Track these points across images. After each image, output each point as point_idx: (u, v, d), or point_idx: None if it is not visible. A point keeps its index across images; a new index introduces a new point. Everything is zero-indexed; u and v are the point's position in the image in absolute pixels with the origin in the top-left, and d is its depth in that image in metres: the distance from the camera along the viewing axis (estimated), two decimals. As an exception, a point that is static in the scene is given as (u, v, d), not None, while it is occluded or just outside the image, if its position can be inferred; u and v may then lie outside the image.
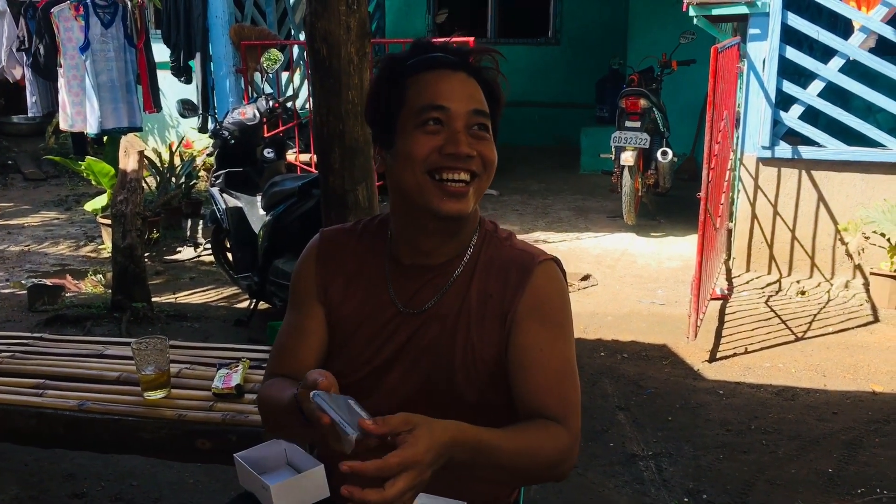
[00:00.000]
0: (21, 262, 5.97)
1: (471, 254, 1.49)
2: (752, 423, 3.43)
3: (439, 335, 1.46)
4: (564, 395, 1.42)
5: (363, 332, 1.50)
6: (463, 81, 1.45)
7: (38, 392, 2.17)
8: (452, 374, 1.44)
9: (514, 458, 1.33)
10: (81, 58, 5.90)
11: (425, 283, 1.48)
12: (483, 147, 1.43)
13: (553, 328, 1.44)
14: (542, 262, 1.47)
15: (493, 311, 1.45)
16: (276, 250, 4.32)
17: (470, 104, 1.43)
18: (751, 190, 5.29)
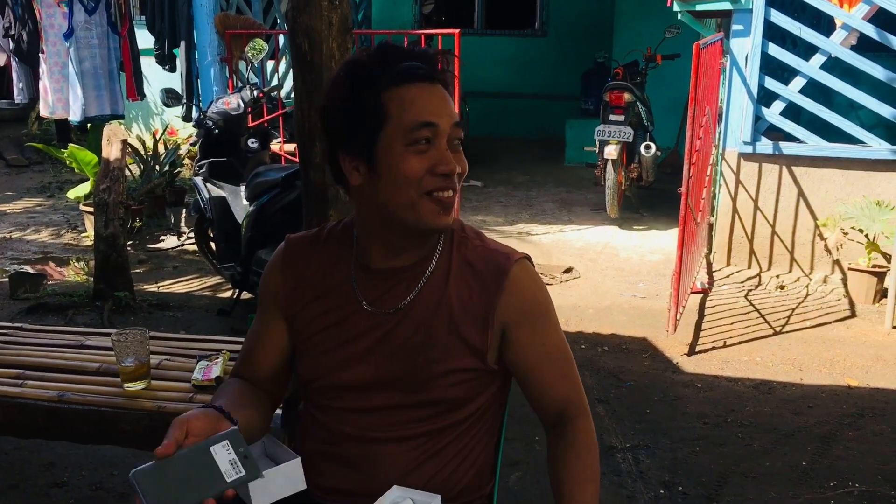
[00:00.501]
0: (3, 250, 5.94)
1: (440, 254, 1.50)
2: (728, 416, 3.47)
3: (415, 335, 1.46)
4: (571, 375, 1.53)
5: (331, 337, 1.51)
6: (442, 93, 1.43)
7: (17, 382, 2.18)
8: (428, 374, 1.46)
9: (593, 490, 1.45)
10: (65, 45, 5.87)
11: (395, 284, 1.49)
12: (460, 160, 1.44)
13: (545, 323, 1.51)
14: (517, 262, 1.49)
15: (473, 312, 1.46)
16: (259, 240, 4.32)
17: (451, 117, 1.42)
18: (732, 185, 5.33)
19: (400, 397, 1.47)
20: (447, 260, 1.50)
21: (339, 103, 1.44)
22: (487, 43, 10.01)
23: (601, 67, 8.45)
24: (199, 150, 4.89)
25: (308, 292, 1.55)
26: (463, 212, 6.10)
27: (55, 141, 8.85)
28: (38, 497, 2.81)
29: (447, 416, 1.48)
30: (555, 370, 1.51)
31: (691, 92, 3.97)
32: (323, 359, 1.52)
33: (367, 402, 1.49)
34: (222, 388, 1.58)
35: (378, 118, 1.38)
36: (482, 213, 6.69)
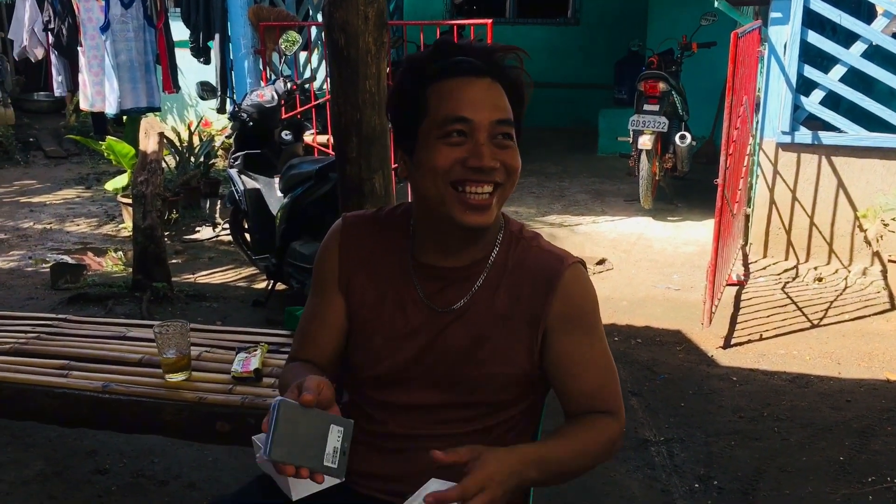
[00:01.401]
0: (43, 240, 6.05)
1: (495, 256, 1.49)
2: (764, 410, 3.44)
3: (466, 337, 1.46)
4: (611, 389, 1.50)
5: (385, 327, 1.50)
6: (487, 88, 1.41)
7: (62, 373, 2.23)
8: (478, 376, 1.46)
9: (575, 461, 1.43)
10: (101, 38, 5.94)
11: (449, 283, 1.49)
12: (506, 156, 1.41)
13: (590, 331, 1.48)
14: (570, 266, 1.47)
15: (523, 315, 1.46)
16: (293, 232, 4.36)
17: (494, 114, 1.40)
18: (769, 175, 5.27)
19: (445, 397, 1.48)
20: (503, 262, 1.49)
21: (394, 98, 1.48)
22: (520, 32, 9.95)
23: (635, 56, 8.37)
24: (233, 143, 4.94)
25: (365, 273, 1.54)
26: (495, 203, 6.08)
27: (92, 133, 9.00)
28: (82, 484, 2.87)
29: (490, 418, 1.49)
30: (592, 383, 1.48)
31: (728, 82, 3.92)
32: (374, 344, 1.51)
33: (412, 398, 1.50)
34: (291, 370, 1.55)
35: (419, 111, 1.40)
36: (514, 205, 6.68)
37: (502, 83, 1.42)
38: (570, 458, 1.42)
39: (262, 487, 1.58)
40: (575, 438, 1.44)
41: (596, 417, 1.47)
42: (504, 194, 1.43)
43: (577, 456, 1.43)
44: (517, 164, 1.43)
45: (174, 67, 6.43)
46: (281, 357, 2.24)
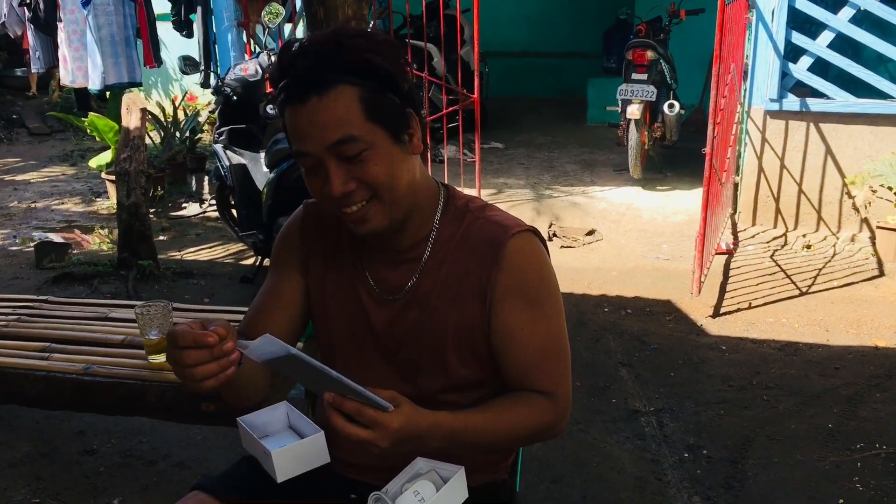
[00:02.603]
0: (28, 219, 6.00)
1: (436, 233, 1.44)
2: (753, 378, 3.45)
3: (419, 319, 1.43)
4: (550, 370, 1.42)
5: (342, 314, 1.49)
6: (312, 111, 1.27)
7: (44, 356, 2.20)
8: (435, 356, 1.44)
9: (496, 437, 1.38)
10: (83, 12, 5.84)
11: (398, 265, 1.46)
12: (361, 172, 1.30)
13: (533, 306, 1.40)
14: (515, 235, 1.40)
15: (471, 289, 1.41)
16: (280, 208, 4.32)
17: (326, 138, 1.28)
18: (758, 143, 5.24)
19: (412, 380, 1.46)
20: (447, 238, 1.44)
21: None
22: (507, 1, 9.84)
23: (623, 24, 8.29)
24: (217, 118, 4.87)
25: (322, 261, 1.53)
26: (484, 175, 6.05)
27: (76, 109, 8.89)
28: (70, 465, 2.86)
29: (464, 396, 1.46)
30: (528, 359, 1.41)
31: (716, 50, 3.88)
32: (336, 331, 1.51)
33: (377, 381, 1.48)
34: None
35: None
36: (503, 176, 6.64)
37: (345, 82, 1.27)
38: (491, 431, 1.36)
39: (248, 468, 1.57)
40: (502, 414, 1.38)
41: (529, 396, 1.41)
42: (386, 198, 1.34)
43: (500, 432, 1.37)
44: (376, 176, 1.31)
45: (156, 41, 6.33)
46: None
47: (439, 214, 1.45)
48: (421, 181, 1.41)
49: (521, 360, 1.41)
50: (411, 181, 1.37)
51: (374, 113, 1.28)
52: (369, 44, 1.30)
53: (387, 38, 1.34)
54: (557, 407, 1.42)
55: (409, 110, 1.34)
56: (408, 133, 1.34)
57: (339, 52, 1.28)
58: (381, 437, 1.20)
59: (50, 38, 6.24)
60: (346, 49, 1.28)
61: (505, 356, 1.42)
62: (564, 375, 1.44)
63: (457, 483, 1.36)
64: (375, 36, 1.33)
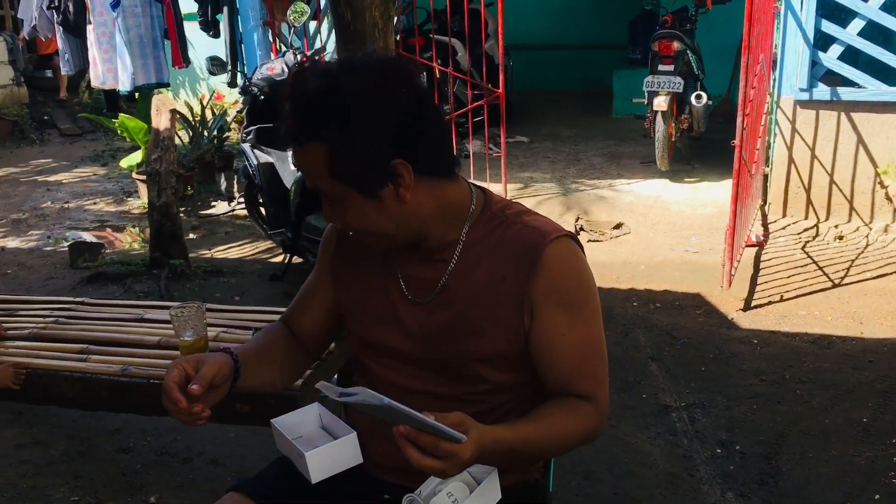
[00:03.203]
0: (61, 219, 6.09)
1: (466, 235, 1.45)
2: (786, 372, 3.42)
3: (450, 320, 1.44)
4: (590, 373, 1.44)
5: (374, 318, 1.52)
6: (297, 156, 1.36)
7: (82, 357, 2.24)
8: (465, 359, 1.44)
9: (545, 446, 1.41)
10: (112, 14, 5.90)
11: (427, 267, 1.47)
12: (342, 216, 1.39)
13: (573, 310, 1.41)
14: (553, 241, 1.40)
15: (508, 294, 1.41)
16: (308, 206, 4.35)
17: (311, 178, 1.36)
18: (788, 133, 5.18)
19: (442, 379, 1.47)
20: (481, 241, 1.45)
21: None
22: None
23: (649, 15, 8.22)
24: (245, 117, 4.91)
25: (354, 263, 1.56)
26: (510, 169, 6.04)
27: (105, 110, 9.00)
28: (107, 463, 2.91)
29: (493, 398, 1.47)
30: (568, 363, 1.42)
31: (744, 40, 3.84)
32: (367, 335, 1.54)
33: (411, 382, 1.49)
34: (263, 331, 1.65)
35: None
36: (529, 170, 6.63)
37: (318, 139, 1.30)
38: (542, 444, 1.38)
39: (283, 469, 1.59)
40: (551, 424, 1.39)
41: (574, 402, 1.42)
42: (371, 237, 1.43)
43: (549, 441, 1.39)
44: (349, 222, 1.40)
45: (183, 42, 6.38)
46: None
47: (470, 221, 1.45)
48: (431, 208, 1.40)
49: (562, 365, 1.43)
50: (401, 221, 1.38)
51: (338, 171, 1.31)
52: (357, 97, 1.28)
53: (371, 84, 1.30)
54: (598, 410, 1.44)
55: (397, 161, 1.31)
56: (392, 183, 1.33)
57: (316, 111, 1.29)
58: (454, 466, 1.23)
59: (80, 41, 6.32)
60: (324, 106, 1.29)
61: (545, 361, 1.43)
62: (603, 378, 1.46)
63: (490, 484, 1.37)
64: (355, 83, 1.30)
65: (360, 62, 1.33)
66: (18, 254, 5.29)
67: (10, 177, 7.48)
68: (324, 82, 1.30)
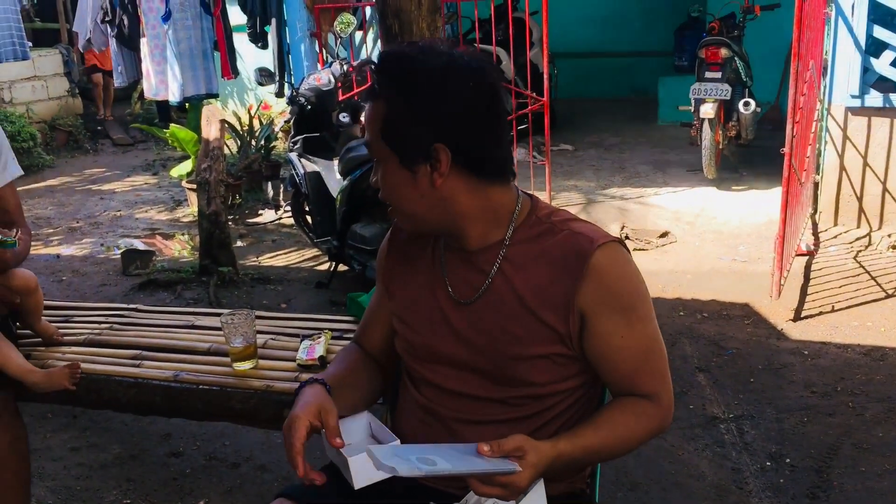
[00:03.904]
0: (114, 227, 6.24)
1: (511, 238, 1.48)
2: (838, 384, 3.35)
3: (494, 323, 1.46)
4: (653, 370, 1.48)
5: (422, 319, 1.55)
6: (370, 111, 1.44)
7: (135, 363, 2.30)
8: (513, 360, 1.46)
9: (608, 449, 1.44)
10: (163, 27, 6.03)
11: (472, 268, 1.50)
12: (382, 180, 1.46)
13: (627, 313, 1.43)
14: (601, 246, 1.42)
15: (554, 299, 1.43)
16: (353, 214, 4.40)
17: (368, 138, 1.46)
18: (839, 141, 5.09)
19: (490, 381, 1.49)
20: (526, 245, 1.47)
21: None
22: (575, 2, 9.76)
23: (695, 22, 8.13)
24: (292, 127, 4.99)
25: (405, 269, 1.60)
26: (554, 177, 6.03)
27: (157, 120, 9.20)
28: (158, 466, 2.97)
29: (538, 402, 1.48)
30: (630, 364, 1.45)
31: (794, 47, 3.79)
32: (415, 338, 1.57)
33: (457, 385, 1.51)
34: (342, 354, 1.71)
35: None
36: (574, 178, 6.60)
37: (383, 99, 1.41)
38: (605, 443, 1.42)
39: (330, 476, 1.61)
40: (611, 424, 1.43)
41: (636, 401, 1.46)
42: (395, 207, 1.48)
43: (611, 440, 1.43)
44: (382, 186, 1.46)
45: (232, 53, 6.50)
46: (344, 343, 2.27)
47: (514, 223, 1.48)
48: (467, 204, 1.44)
49: (625, 366, 1.46)
50: (432, 205, 1.43)
51: (388, 134, 1.40)
52: (410, 72, 1.39)
53: (441, 72, 1.38)
54: (662, 407, 1.47)
55: (439, 146, 1.37)
56: (429, 165, 1.39)
57: (389, 73, 1.40)
58: (513, 492, 1.29)
59: (133, 53, 6.47)
60: (396, 71, 1.39)
61: (607, 365, 1.46)
62: (665, 374, 1.49)
63: (536, 493, 1.38)
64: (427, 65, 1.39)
65: (446, 47, 1.42)
66: (73, 261, 5.43)
67: (66, 186, 7.68)
68: (407, 52, 1.41)
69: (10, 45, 6.85)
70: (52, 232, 6.15)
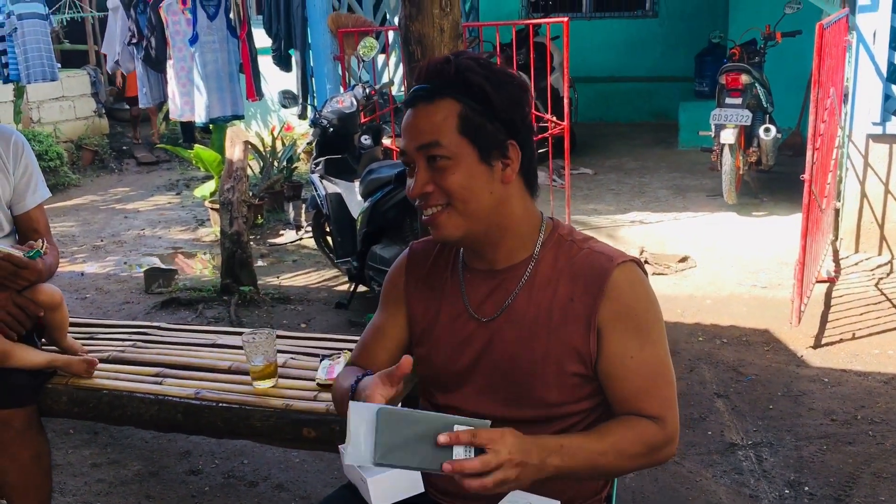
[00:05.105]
0: (137, 246, 6.31)
1: (537, 257, 1.51)
2: (858, 412, 3.33)
3: (515, 341, 1.49)
4: (659, 395, 1.48)
5: (442, 340, 1.57)
6: (417, 115, 1.45)
7: (157, 380, 2.33)
8: (532, 378, 1.48)
9: (605, 457, 1.41)
10: (190, 50, 6.15)
11: (495, 287, 1.53)
12: (442, 178, 1.43)
13: (641, 333, 1.46)
14: (620, 265, 1.46)
15: (575, 316, 1.46)
16: (374, 236, 4.43)
17: (416, 140, 1.44)
18: (860, 168, 5.07)
19: (504, 402, 1.51)
20: (549, 264, 1.51)
21: None
22: (596, 27, 9.84)
23: (716, 48, 8.16)
24: (314, 148, 5.05)
25: (424, 293, 1.61)
26: (574, 201, 6.05)
27: (181, 140, 9.33)
28: (177, 484, 3.00)
29: (557, 423, 1.50)
30: (637, 386, 1.46)
31: (814, 74, 3.80)
32: (437, 359, 1.58)
33: (474, 406, 1.53)
34: (349, 371, 1.66)
35: None
36: (593, 202, 6.62)
37: (453, 97, 1.43)
38: (600, 453, 1.40)
39: (347, 496, 1.63)
40: (608, 434, 1.43)
41: (637, 419, 1.46)
42: (459, 209, 1.45)
43: (607, 451, 1.41)
44: (451, 185, 1.43)
45: (257, 76, 6.60)
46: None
47: (541, 241, 1.52)
48: (521, 210, 1.50)
49: (630, 386, 1.46)
50: (496, 203, 1.46)
51: (467, 129, 1.42)
52: (485, 73, 1.43)
53: (507, 76, 1.46)
54: (666, 431, 1.46)
55: (512, 142, 1.45)
56: (502, 161, 1.44)
57: (456, 70, 1.42)
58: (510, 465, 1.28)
59: (160, 75, 6.59)
60: (462, 69, 1.42)
61: (614, 382, 1.47)
62: (672, 399, 1.49)
63: None
64: (495, 69, 1.46)
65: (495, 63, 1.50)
66: (97, 278, 5.50)
67: (91, 204, 7.79)
68: (473, 59, 1.45)
69: (39, 67, 6.99)
70: (76, 249, 6.24)
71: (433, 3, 2.08)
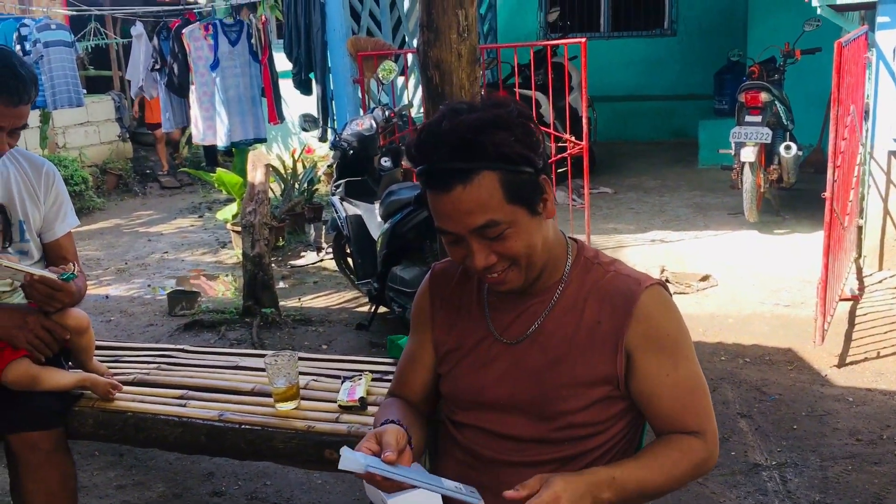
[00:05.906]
0: (161, 269, 6.38)
1: (566, 281, 1.53)
2: (884, 432, 3.29)
3: (541, 362, 1.51)
4: (698, 408, 1.51)
5: (466, 361, 1.58)
6: (457, 199, 1.37)
7: (181, 402, 2.36)
8: (558, 400, 1.49)
9: (655, 481, 1.45)
10: (212, 75, 6.25)
11: (522, 311, 1.54)
12: (502, 248, 1.42)
13: (674, 352, 1.49)
14: (647, 289, 1.49)
15: (603, 338, 1.48)
16: (394, 257, 4.46)
17: (470, 222, 1.39)
18: (882, 184, 5.04)
19: (532, 422, 1.52)
20: (576, 287, 1.53)
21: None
22: (615, 46, 9.87)
23: (735, 66, 8.17)
24: (335, 171, 5.10)
25: (449, 316, 1.63)
26: (593, 220, 6.05)
27: (204, 164, 9.44)
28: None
29: (580, 443, 1.51)
30: (677, 403, 1.49)
31: (833, 92, 3.79)
32: (460, 381, 1.60)
33: (501, 426, 1.54)
34: (387, 405, 1.68)
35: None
36: (613, 221, 6.61)
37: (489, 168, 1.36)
38: (650, 478, 1.43)
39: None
40: (655, 458, 1.46)
41: (680, 438, 1.49)
42: (523, 264, 1.46)
43: (656, 475, 1.44)
44: (517, 250, 1.43)
45: (278, 100, 6.69)
46: (384, 385, 2.30)
47: (569, 264, 1.54)
48: (553, 237, 1.52)
49: (673, 405, 1.49)
50: (546, 243, 1.48)
51: (514, 195, 1.39)
52: (512, 123, 1.39)
53: (515, 113, 1.42)
54: (708, 444, 1.49)
55: (543, 177, 1.44)
56: (542, 200, 1.45)
57: (480, 141, 1.36)
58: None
59: (183, 100, 6.69)
60: (486, 137, 1.36)
61: (653, 401, 1.49)
62: (709, 410, 1.52)
63: None
64: (506, 117, 1.40)
65: (495, 101, 1.45)
66: (121, 301, 5.56)
67: (115, 227, 7.89)
68: (479, 116, 1.39)
69: (65, 93, 7.12)
70: (101, 273, 6.32)
71: (451, 29, 2.11)
